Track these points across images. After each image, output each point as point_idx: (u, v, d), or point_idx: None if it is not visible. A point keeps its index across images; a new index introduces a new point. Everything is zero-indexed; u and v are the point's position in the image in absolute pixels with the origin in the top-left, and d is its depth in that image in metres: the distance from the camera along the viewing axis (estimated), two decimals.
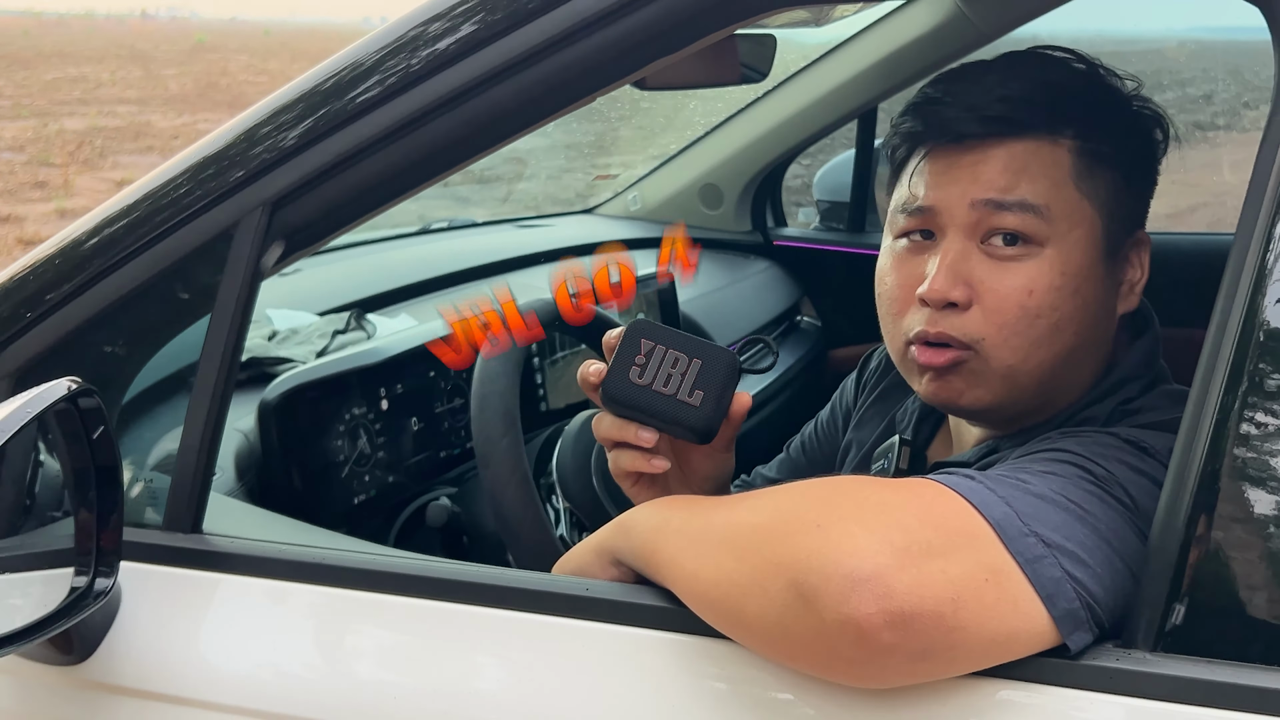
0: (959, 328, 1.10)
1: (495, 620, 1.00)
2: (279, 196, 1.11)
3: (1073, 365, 1.12)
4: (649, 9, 1.02)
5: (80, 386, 1.03)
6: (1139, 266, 1.15)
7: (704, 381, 1.07)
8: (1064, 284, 1.08)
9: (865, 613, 0.78)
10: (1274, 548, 0.79)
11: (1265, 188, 0.83)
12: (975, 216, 1.10)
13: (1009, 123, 1.09)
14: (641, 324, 1.09)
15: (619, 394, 1.08)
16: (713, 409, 1.07)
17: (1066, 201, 1.09)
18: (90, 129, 15.32)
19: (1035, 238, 1.08)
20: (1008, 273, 1.09)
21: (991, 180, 1.09)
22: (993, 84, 1.11)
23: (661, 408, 1.07)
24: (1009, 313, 1.08)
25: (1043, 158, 1.09)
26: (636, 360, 1.07)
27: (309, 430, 1.52)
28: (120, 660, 1.10)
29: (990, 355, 1.10)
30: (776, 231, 3.06)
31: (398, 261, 2.44)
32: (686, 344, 1.08)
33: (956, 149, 1.11)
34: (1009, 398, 1.12)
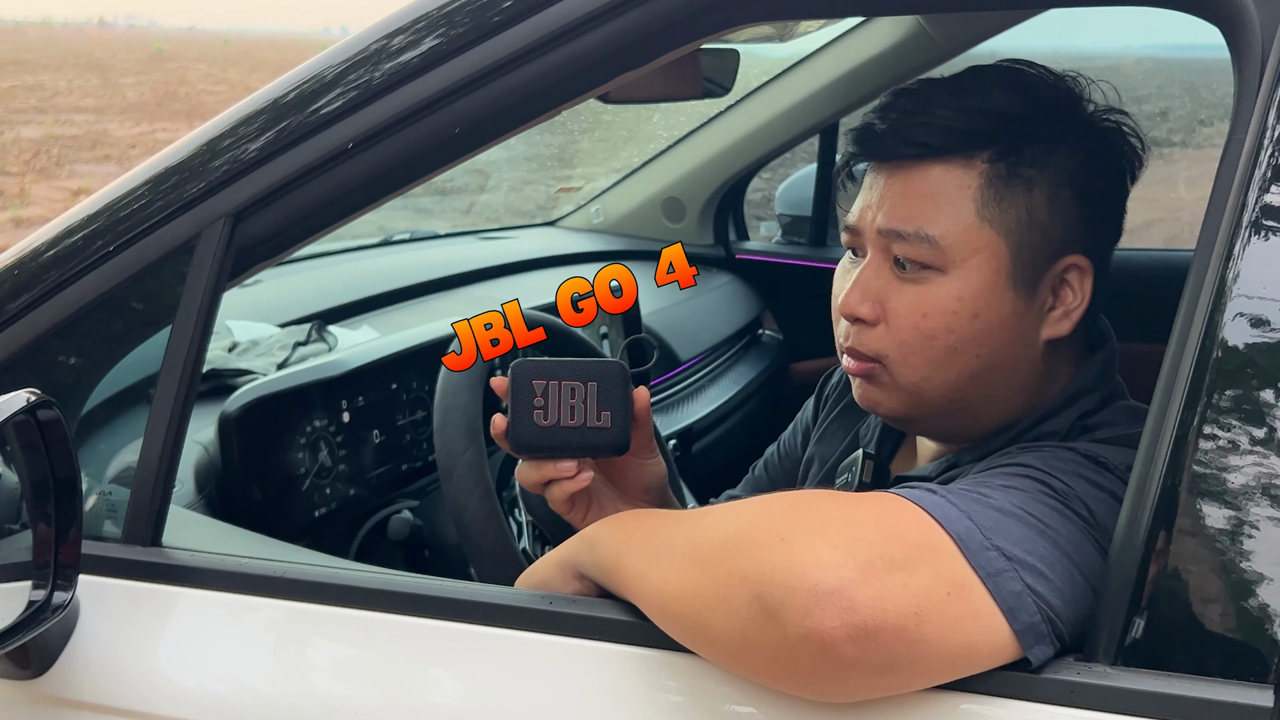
0: (864, 343, 1.14)
1: (458, 634, 0.99)
2: (241, 208, 1.10)
3: (988, 385, 1.13)
4: (614, 24, 1.03)
5: (39, 398, 1.02)
6: (1078, 293, 1.13)
7: (606, 401, 1.09)
8: (960, 308, 1.10)
9: (828, 626, 0.78)
10: (1232, 562, 0.80)
11: (1224, 205, 0.84)
12: (883, 241, 1.13)
13: (925, 147, 1.11)
14: (524, 365, 1.10)
15: (530, 441, 1.09)
16: (622, 425, 1.09)
17: (966, 229, 1.09)
18: (47, 137, 15.18)
19: (932, 264, 1.10)
20: (907, 294, 1.12)
21: (896, 208, 1.12)
22: (922, 107, 1.12)
23: (574, 441, 1.09)
24: (906, 332, 1.12)
25: (950, 183, 1.10)
26: (535, 403, 1.08)
27: (270, 443, 1.51)
28: (78, 674, 1.09)
29: (894, 371, 1.14)
30: (739, 245, 3.07)
31: (359, 273, 2.44)
32: (575, 370, 1.09)
33: (883, 169, 1.14)
34: (920, 411, 1.16)
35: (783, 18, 1.21)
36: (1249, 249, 0.82)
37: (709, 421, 2.43)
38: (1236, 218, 0.83)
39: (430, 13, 1.08)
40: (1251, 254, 0.82)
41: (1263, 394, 0.81)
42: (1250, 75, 0.85)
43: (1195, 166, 6.91)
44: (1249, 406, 0.81)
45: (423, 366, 1.74)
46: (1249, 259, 0.82)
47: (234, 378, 1.68)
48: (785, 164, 3.16)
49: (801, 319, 2.96)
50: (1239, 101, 0.86)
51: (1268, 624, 0.79)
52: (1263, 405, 0.81)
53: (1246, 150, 0.83)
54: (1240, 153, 0.84)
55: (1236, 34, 0.88)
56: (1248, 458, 0.80)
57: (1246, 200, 0.82)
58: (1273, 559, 0.79)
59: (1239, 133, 0.85)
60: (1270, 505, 0.80)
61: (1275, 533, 0.79)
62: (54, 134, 15.55)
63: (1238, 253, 0.82)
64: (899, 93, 1.16)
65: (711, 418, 2.44)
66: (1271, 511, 0.79)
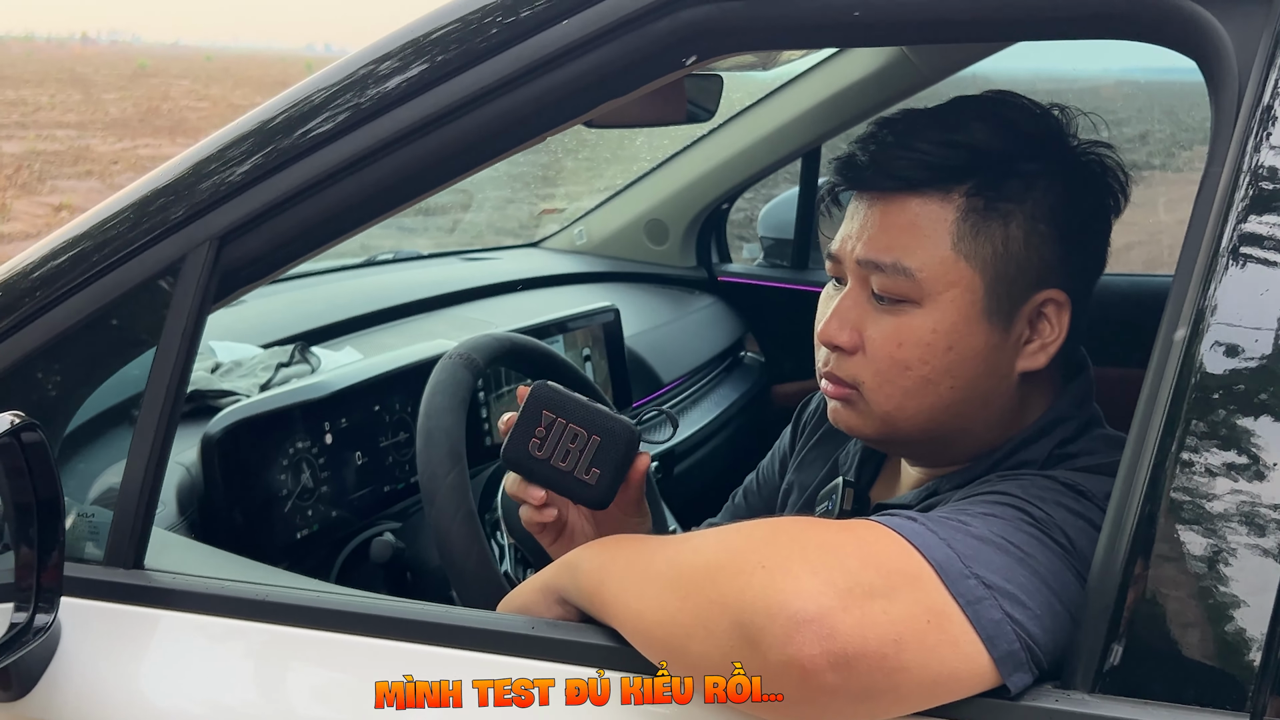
0: (842, 369, 1.16)
1: (440, 659, 0.99)
2: (227, 231, 1.11)
3: (963, 415, 1.15)
4: (599, 53, 1.03)
5: (23, 421, 1.02)
6: (1055, 327, 1.14)
7: (601, 459, 1.11)
8: (934, 340, 1.11)
9: (809, 654, 0.79)
10: (1209, 589, 0.81)
11: (1202, 234, 0.84)
12: (862, 272, 1.14)
13: (905, 180, 1.12)
14: (543, 392, 1.12)
15: (517, 463, 1.13)
16: (608, 486, 1.12)
17: (941, 263, 1.10)
18: (28, 152, 15.12)
19: (907, 296, 1.12)
20: (883, 323, 1.13)
21: (875, 239, 1.13)
22: (904, 140, 1.13)
23: (557, 482, 1.12)
24: (882, 361, 1.14)
25: (927, 216, 1.11)
26: (536, 432, 1.11)
27: (252, 464, 1.51)
28: (59, 697, 1.09)
29: (869, 398, 1.16)
30: (721, 267, 3.07)
31: (342, 293, 2.43)
32: (586, 417, 1.11)
33: (866, 200, 1.16)
34: (895, 436, 1.17)
35: (763, 48, 1.22)
36: (1226, 277, 0.82)
37: (691, 444, 2.43)
38: (1214, 246, 0.83)
39: (418, 39, 1.08)
40: (1229, 282, 0.82)
41: (1241, 420, 0.82)
42: (1227, 107, 0.86)
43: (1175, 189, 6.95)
44: (1227, 433, 0.82)
45: (406, 388, 1.74)
46: (1226, 287, 0.82)
47: (217, 399, 1.68)
48: (768, 185, 3.17)
49: (783, 341, 2.97)
50: (1216, 132, 0.87)
51: (1245, 651, 0.80)
52: (1241, 432, 0.81)
53: (1224, 181, 0.84)
54: (1218, 183, 0.85)
55: (1212, 66, 0.89)
56: (1226, 484, 0.81)
57: (1224, 229, 0.83)
58: (1250, 586, 0.80)
59: (1215, 165, 0.86)
60: (1248, 532, 0.80)
61: (1253, 560, 0.80)
62: (36, 149, 15.50)
63: (1215, 281, 0.83)
64: (882, 123, 1.17)
65: (693, 440, 2.44)
66: (1249, 538, 0.80)
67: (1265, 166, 0.83)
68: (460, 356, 1.39)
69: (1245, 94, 0.85)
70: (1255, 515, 0.80)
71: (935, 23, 0.99)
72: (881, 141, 1.14)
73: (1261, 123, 0.84)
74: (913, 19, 0.99)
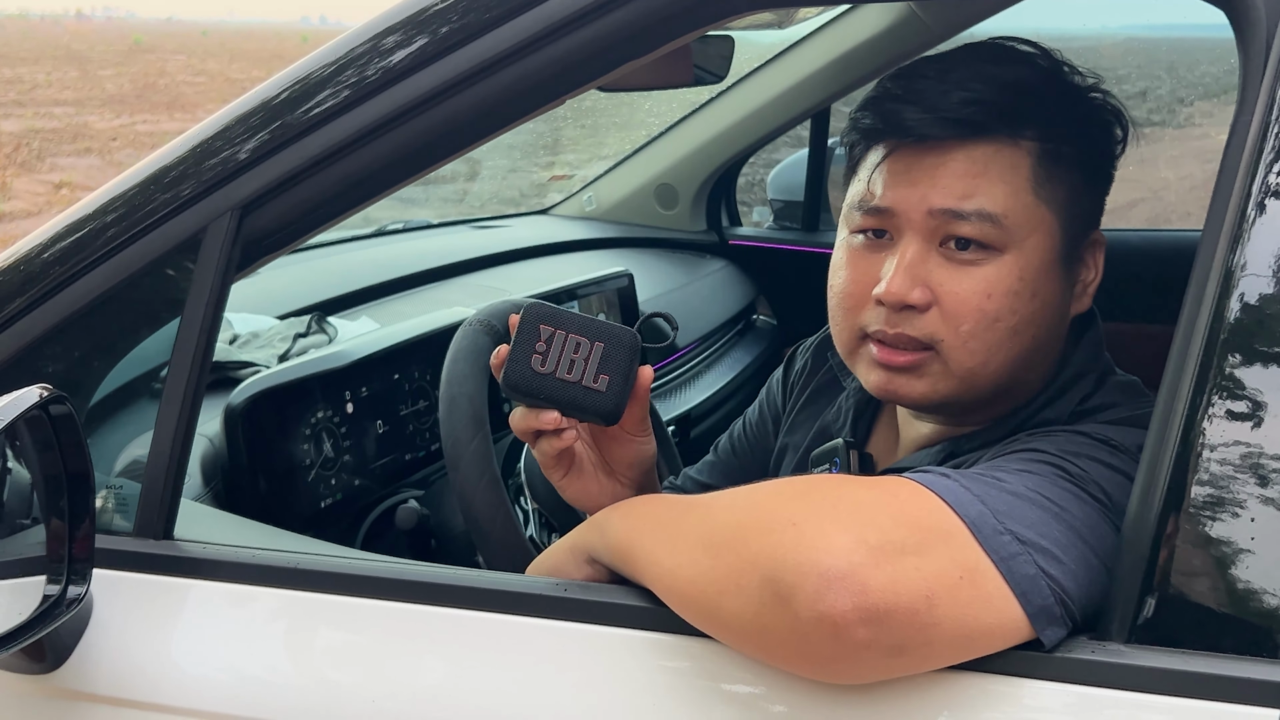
0: (919, 328, 1.10)
1: (472, 622, 1.00)
2: (248, 201, 1.11)
3: (1028, 366, 1.13)
4: (617, 14, 1.03)
5: (52, 393, 1.02)
6: (1093, 267, 1.16)
7: (608, 365, 1.06)
8: (1022, 288, 1.09)
9: (840, 609, 0.79)
10: (1243, 539, 0.81)
11: (1232, 186, 0.84)
12: (934, 223, 1.09)
13: (970, 125, 1.08)
14: (538, 307, 1.07)
15: (521, 383, 1.07)
16: (619, 392, 1.07)
17: (1024, 207, 1.08)
18: (27, 131, 15.10)
19: (993, 244, 1.08)
20: (966, 276, 1.09)
21: (950, 187, 1.08)
22: (954, 83, 1.09)
23: (566, 395, 1.07)
24: (968, 316, 1.08)
25: (1002, 161, 1.09)
26: (537, 347, 1.06)
27: (275, 434, 1.51)
28: (93, 668, 1.09)
29: (949, 357, 1.10)
30: (732, 231, 3.07)
31: (356, 264, 2.43)
32: (586, 327, 1.07)
33: (916, 149, 1.10)
34: (963, 395, 1.13)
35: (779, 5, 1.21)
36: (1257, 229, 0.82)
37: (706, 407, 2.43)
38: (1244, 198, 0.83)
39: (435, 4, 1.08)
40: (1259, 234, 0.82)
41: (1272, 372, 0.82)
42: (1256, 55, 0.86)
43: (1176, 146, 6.92)
44: (1258, 385, 0.82)
45: (424, 356, 1.75)
46: (1257, 239, 0.82)
47: (236, 370, 1.69)
48: (772, 149, 3.16)
49: (795, 304, 2.97)
50: (1244, 82, 0.86)
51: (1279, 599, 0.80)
52: (1272, 383, 0.81)
53: (1254, 131, 0.84)
54: (1247, 134, 0.84)
55: (1240, 14, 0.88)
56: (1257, 436, 0.81)
57: (1254, 180, 0.83)
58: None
59: (1245, 114, 0.85)
60: None
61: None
62: (34, 127, 15.48)
63: (1246, 233, 0.82)
64: (913, 70, 1.13)
65: (708, 403, 2.45)
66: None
67: None
68: (480, 323, 1.39)
69: (1274, 41, 0.85)
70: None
71: None
72: (924, 88, 1.10)
73: None
74: None
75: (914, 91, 1.11)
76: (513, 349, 1.07)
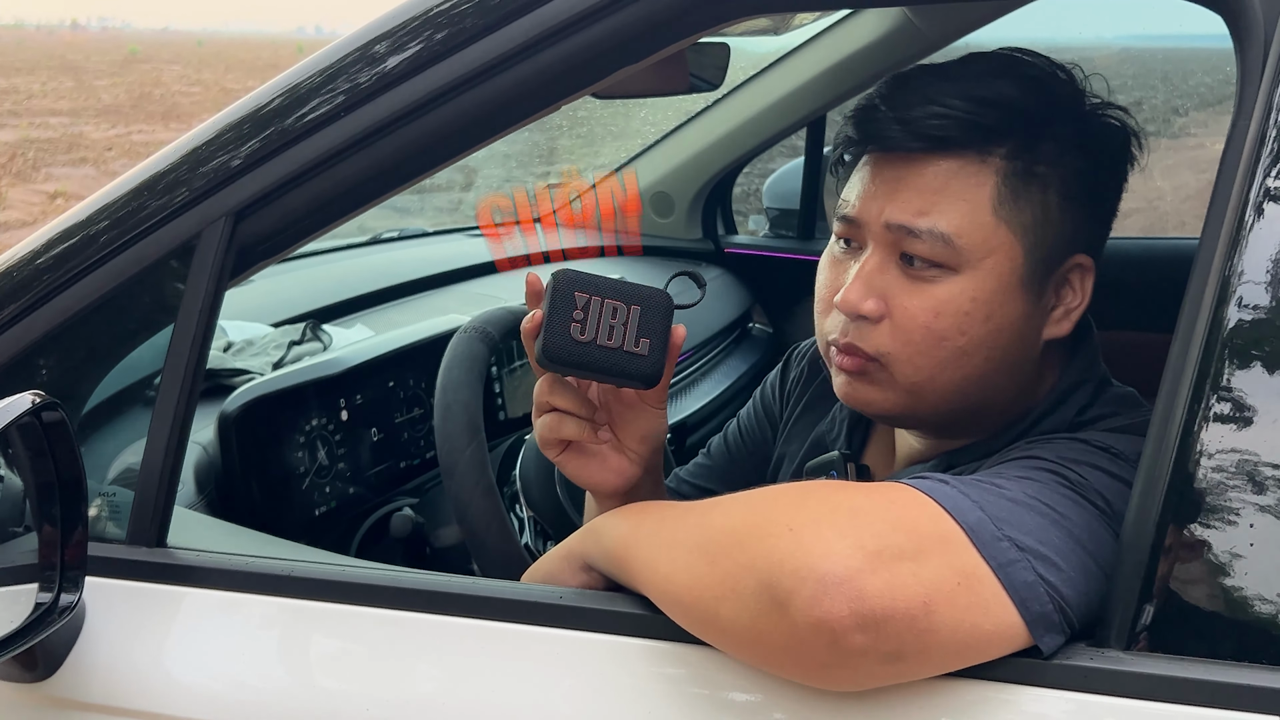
0: (867, 340, 1.10)
1: (469, 630, 0.99)
2: (242, 207, 1.10)
3: (990, 387, 1.12)
4: (611, 20, 1.02)
5: (44, 400, 1.01)
6: (1078, 292, 1.13)
7: (646, 328, 1.03)
8: (973, 310, 1.07)
9: (837, 615, 0.78)
10: (1242, 546, 0.81)
11: (1229, 192, 0.84)
12: (890, 237, 1.09)
13: (938, 140, 1.07)
14: (568, 273, 1.03)
15: (561, 354, 1.03)
16: (659, 355, 1.04)
17: (981, 228, 1.06)
18: (22, 140, 15.10)
19: (945, 263, 1.07)
20: (918, 293, 1.08)
21: (908, 202, 1.07)
22: (931, 96, 1.08)
23: (609, 362, 1.03)
24: (915, 332, 1.08)
25: (965, 179, 1.07)
26: (575, 315, 1.02)
27: (270, 442, 1.51)
28: (85, 676, 1.09)
29: (894, 370, 1.10)
30: (727, 239, 3.07)
31: (350, 271, 2.43)
32: (620, 290, 1.03)
33: (886, 160, 1.10)
34: (915, 409, 1.12)
35: (777, 10, 1.21)
36: (1254, 235, 0.82)
37: (702, 415, 2.43)
38: (1242, 203, 0.83)
39: (429, 10, 1.08)
40: (1257, 240, 0.82)
41: (1269, 379, 0.81)
42: (1253, 61, 0.86)
43: (1170, 155, 6.94)
44: (1256, 391, 0.81)
45: (419, 364, 1.74)
46: (1254, 245, 0.82)
47: (231, 377, 1.68)
48: (766, 158, 3.16)
49: (791, 312, 2.97)
50: (1242, 89, 0.86)
51: (1278, 606, 0.80)
52: (1269, 390, 0.81)
53: (1251, 137, 0.84)
54: (1245, 140, 0.84)
55: (1238, 21, 0.88)
56: (1255, 443, 0.81)
57: (1252, 186, 0.83)
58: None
59: (1243, 119, 0.85)
60: (1278, 488, 0.80)
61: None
62: (29, 137, 15.48)
63: (1244, 239, 0.82)
64: (899, 79, 1.12)
65: (704, 412, 2.44)
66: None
67: None
68: (475, 330, 1.39)
69: (1271, 47, 0.85)
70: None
71: None
72: (904, 98, 1.09)
73: None
74: None
75: (893, 101, 1.10)
76: (548, 318, 1.02)
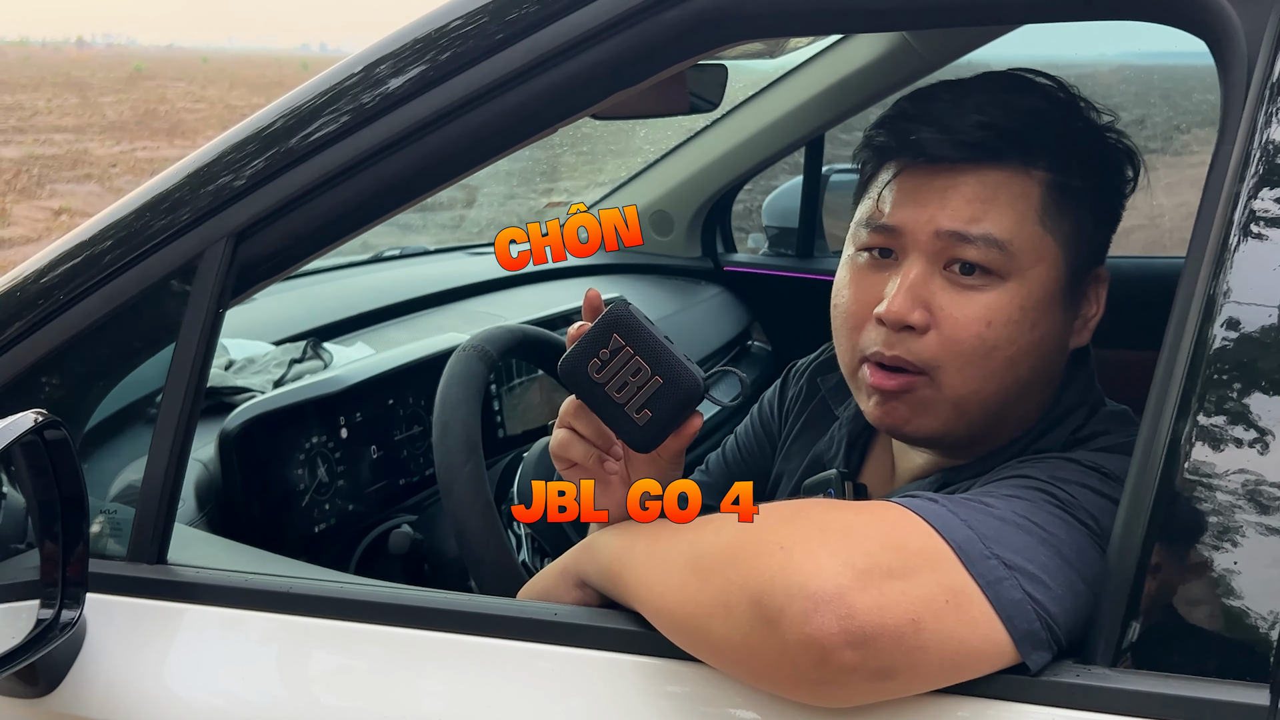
0: (915, 352, 1.09)
1: (464, 646, 1.00)
2: (243, 228, 1.12)
3: (1023, 398, 1.12)
4: (608, 44, 1.04)
5: (47, 419, 1.03)
6: (1095, 302, 1.15)
7: (657, 403, 1.01)
8: (1022, 318, 1.08)
9: (827, 632, 0.79)
10: (1226, 564, 0.82)
11: (1214, 213, 0.85)
12: (939, 245, 1.09)
13: (984, 149, 1.08)
14: (619, 313, 1.01)
15: (572, 380, 1.03)
16: (655, 433, 1.03)
17: (1031, 236, 1.08)
18: (27, 157, 15.12)
19: (997, 270, 1.08)
20: (967, 302, 1.08)
21: (958, 210, 1.08)
22: (970, 107, 1.09)
23: (608, 412, 1.02)
24: (966, 342, 1.08)
25: (1012, 189, 1.08)
26: (600, 353, 1.01)
27: (270, 459, 1.52)
28: (86, 692, 1.10)
29: (943, 383, 1.09)
30: (727, 257, 3.07)
31: (351, 290, 2.44)
32: (655, 354, 1.01)
33: (927, 170, 1.10)
34: (956, 426, 1.12)
35: (771, 35, 1.22)
36: (1239, 255, 0.83)
37: (700, 433, 2.43)
38: (1227, 225, 0.84)
39: (428, 34, 1.09)
40: (1241, 259, 0.83)
41: (1254, 399, 0.82)
42: (1237, 85, 0.87)
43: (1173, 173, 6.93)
44: (1241, 411, 0.82)
45: (419, 382, 1.75)
46: (1239, 266, 0.83)
47: (232, 395, 1.69)
48: (765, 177, 3.17)
49: (790, 330, 2.98)
50: (1226, 111, 0.87)
51: (1263, 624, 0.81)
52: (1254, 410, 0.82)
53: (1235, 159, 0.85)
54: (1229, 162, 0.85)
55: (1222, 45, 0.89)
56: (1240, 462, 0.82)
57: (1236, 208, 0.84)
58: (1267, 560, 0.81)
59: (1227, 142, 0.86)
60: (1262, 508, 0.81)
61: (1268, 534, 0.81)
62: (34, 154, 15.50)
63: (1228, 258, 0.83)
64: (929, 94, 1.13)
65: (703, 429, 2.44)
66: (1264, 514, 0.81)
67: (1276, 144, 0.84)
68: (474, 349, 1.39)
69: (1255, 72, 0.86)
70: (1269, 490, 0.81)
71: (945, 7, 1.00)
72: (940, 110, 1.10)
73: (1271, 100, 0.85)
74: (922, 3, 0.99)
75: (929, 112, 1.11)
76: (580, 341, 1.02)
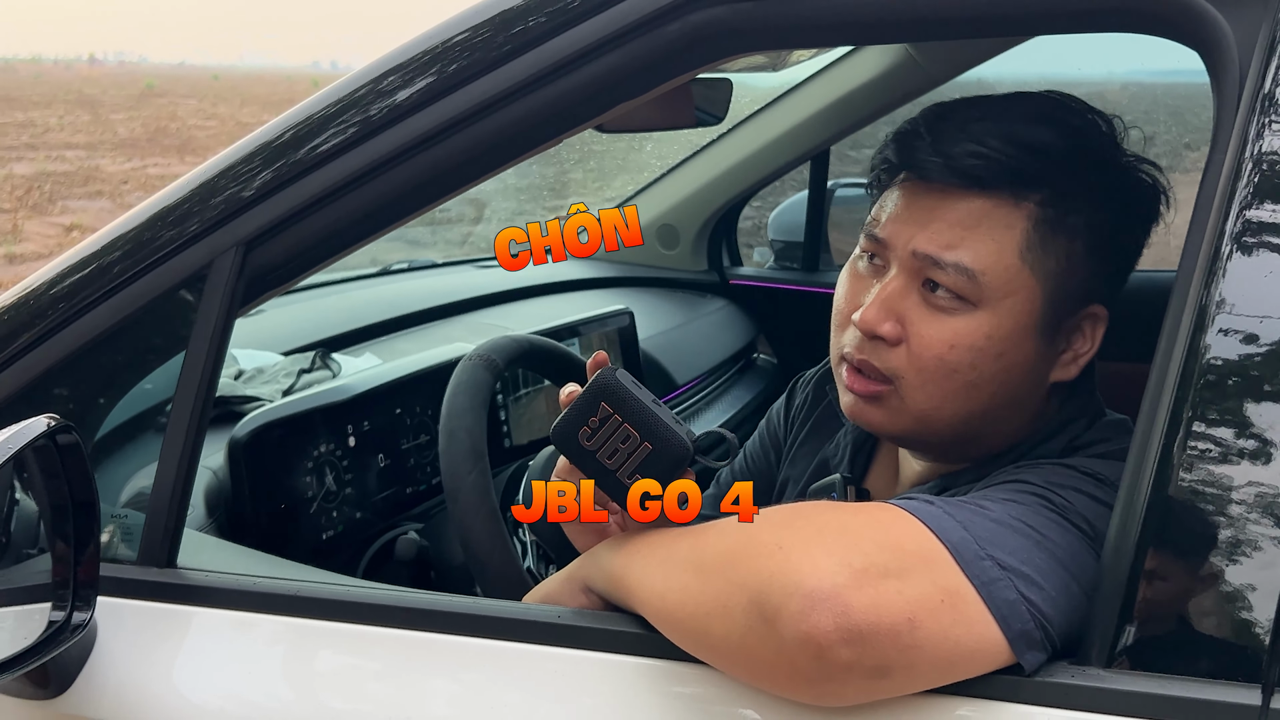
0: (882, 360, 1.12)
1: (470, 649, 1.02)
2: (252, 237, 1.13)
3: (994, 420, 1.14)
4: (611, 57, 1.05)
5: (59, 423, 1.04)
6: (1089, 339, 1.15)
7: (647, 469, 1.00)
8: (988, 346, 1.10)
9: (823, 630, 0.81)
10: (1218, 566, 0.83)
11: (1205, 224, 0.86)
12: (916, 263, 1.11)
13: (972, 177, 1.09)
14: (608, 381, 1.03)
15: (563, 445, 1.04)
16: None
17: (1006, 270, 1.09)
18: (39, 174, 15.18)
19: (968, 297, 1.09)
20: (936, 322, 1.10)
21: (938, 233, 1.10)
22: (973, 133, 1.10)
23: (599, 477, 1.03)
24: (928, 361, 1.10)
25: (997, 219, 1.09)
26: (590, 421, 1.02)
27: (278, 467, 1.53)
28: (96, 694, 1.11)
29: (905, 395, 1.12)
30: (732, 271, 3.09)
31: (360, 301, 2.45)
32: (643, 421, 1.01)
33: (923, 188, 1.12)
34: (924, 435, 1.16)
35: (774, 48, 1.24)
36: (1230, 267, 0.84)
37: None
38: (1218, 236, 0.85)
39: (434, 46, 1.11)
40: (1233, 272, 0.84)
41: (1244, 407, 0.83)
42: (1229, 96, 0.88)
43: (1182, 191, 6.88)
44: (1231, 419, 0.84)
45: (426, 392, 1.77)
46: (1230, 277, 0.84)
47: (241, 404, 1.71)
48: (773, 192, 3.19)
49: (795, 343, 2.99)
50: (1218, 122, 0.89)
51: (1254, 625, 0.82)
52: (1244, 418, 0.83)
53: (1226, 170, 0.86)
54: (1220, 172, 0.86)
55: (1213, 56, 0.91)
56: (1232, 468, 0.83)
57: (1228, 216, 0.85)
58: (1258, 563, 0.82)
59: (1219, 153, 0.87)
60: (1253, 512, 0.82)
61: (1259, 538, 0.82)
62: (46, 170, 15.57)
63: (1220, 267, 0.84)
64: (946, 110, 1.14)
65: None
66: (1254, 517, 0.82)
67: (1267, 154, 0.85)
68: (480, 358, 1.41)
69: (1246, 83, 0.87)
70: (1260, 495, 0.82)
71: (940, 19, 1.01)
72: (946, 131, 1.11)
73: (1263, 110, 0.86)
74: (918, 16, 1.01)
75: (935, 131, 1.12)
76: (571, 408, 1.04)
